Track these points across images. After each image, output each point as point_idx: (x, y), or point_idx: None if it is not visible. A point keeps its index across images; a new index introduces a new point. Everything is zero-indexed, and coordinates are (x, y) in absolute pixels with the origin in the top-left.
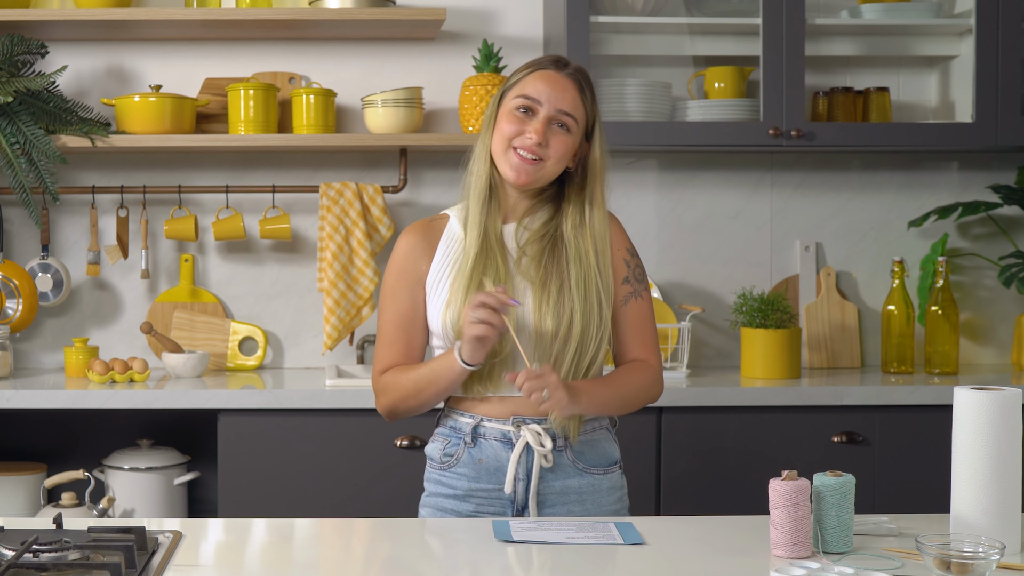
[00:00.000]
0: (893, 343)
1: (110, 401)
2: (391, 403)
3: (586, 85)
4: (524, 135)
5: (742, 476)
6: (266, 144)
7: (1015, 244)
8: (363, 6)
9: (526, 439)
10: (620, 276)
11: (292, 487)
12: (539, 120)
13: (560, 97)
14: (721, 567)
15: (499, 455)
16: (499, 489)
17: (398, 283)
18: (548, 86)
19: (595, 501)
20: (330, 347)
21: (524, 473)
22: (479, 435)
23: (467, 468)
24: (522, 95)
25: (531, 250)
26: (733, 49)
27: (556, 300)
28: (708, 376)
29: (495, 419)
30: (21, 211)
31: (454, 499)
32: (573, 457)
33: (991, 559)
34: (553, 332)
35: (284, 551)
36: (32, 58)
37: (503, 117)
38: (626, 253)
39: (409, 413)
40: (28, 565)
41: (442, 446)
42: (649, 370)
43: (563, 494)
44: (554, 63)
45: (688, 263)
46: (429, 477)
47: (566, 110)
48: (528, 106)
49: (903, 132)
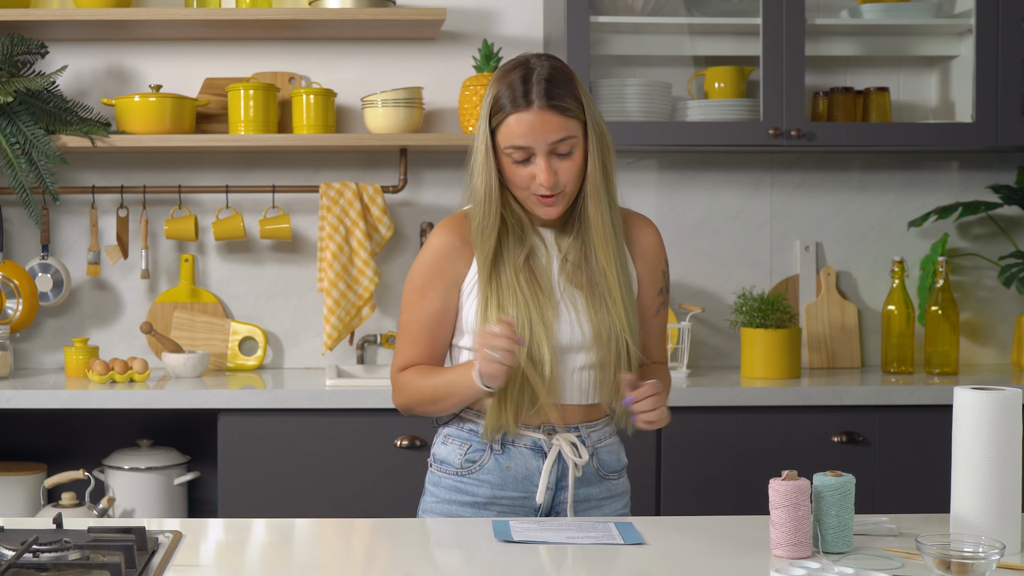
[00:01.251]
0: (893, 343)
1: (110, 401)
2: (408, 403)
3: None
4: (535, 182)
5: (742, 476)
6: (266, 144)
7: (1015, 244)
8: (363, 6)
9: (558, 448)
10: (657, 287)
11: (292, 487)
12: (540, 162)
13: (545, 132)
14: (721, 567)
15: (528, 463)
16: (524, 497)
17: (430, 282)
18: (529, 128)
19: (611, 506)
20: (330, 347)
21: (553, 482)
22: (507, 442)
23: (492, 475)
24: (511, 147)
25: (573, 255)
26: (733, 49)
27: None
28: (708, 376)
29: (525, 427)
30: (21, 211)
31: (473, 507)
32: (598, 464)
33: (991, 559)
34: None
35: (284, 551)
36: (32, 58)
37: (507, 165)
38: (664, 265)
39: (427, 416)
40: (28, 565)
41: (462, 451)
42: (668, 373)
43: (586, 500)
44: (524, 97)
45: (688, 263)
46: (440, 483)
47: (557, 139)
48: (522, 155)
49: (903, 132)
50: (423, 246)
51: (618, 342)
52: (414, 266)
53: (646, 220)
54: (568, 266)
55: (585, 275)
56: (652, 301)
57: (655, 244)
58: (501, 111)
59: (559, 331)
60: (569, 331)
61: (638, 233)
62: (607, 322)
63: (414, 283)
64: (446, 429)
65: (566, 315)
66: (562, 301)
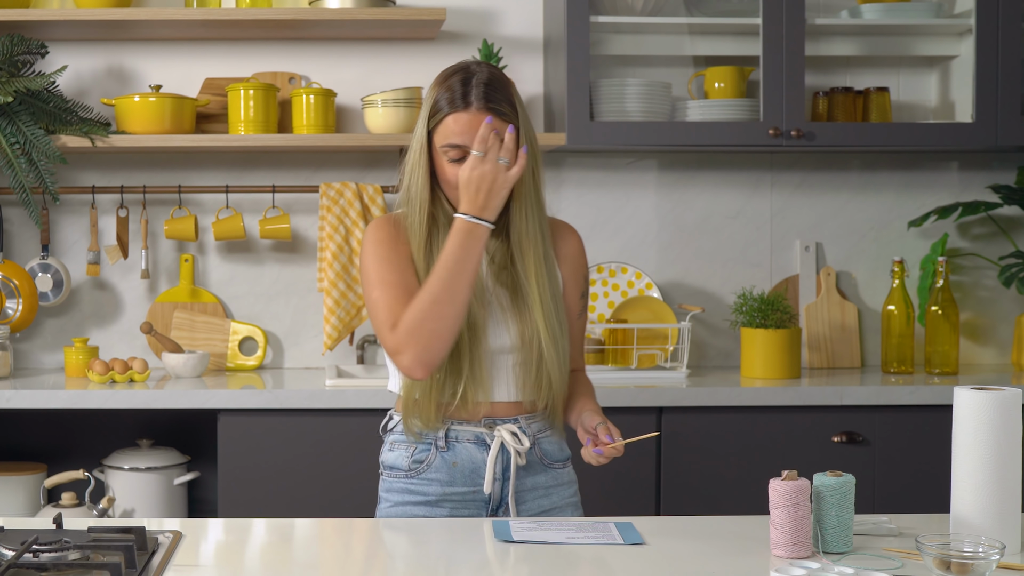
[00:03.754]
0: (893, 343)
1: (110, 401)
2: (425, 340)
3: (499, 100)
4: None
5: (742, 476)
6: (266, 144)
7: (1015, 244)
8: (363, 6)
9: (501, 439)
10: (579, 291)
11: (292, 487)
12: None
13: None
14: (721, 567)
15: (474, 457)
16: (473, 491)
17: (392, 250)
18: (466, 127)
19: (559, 494)
20: (330, 347)
21: (499, 472)
22: (451, 439)
23: (439, 473)
24: (448, 145)
25: (499, 257)
26: (733, 49)
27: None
28: (708, 376)
29: (466, 422)
30: (21, 211)
31: (425, 505)
32: (541, 454)
33: (991, 559)
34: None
35: (284, 551)
36: (32, 58)
37: (441, 163)
38: (586, 270)
39: (449, 336)
40: (28, 565)
41: (408, 453)
42: (588, 380)
43: (533, 490)
44: (463, 98)
45: (688, 263)
46: (391, 487)
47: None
48: (457, 153)
49: (903, 132)
50: (363, 246)
51: (540, 344)
52: (365, 256)
53: (570, 227)
54: (494, 267)
55: (510, 276)
56: (575, 304)
57: (578, 249)
58: (439, 112)
59: (489, 331)
60: (496, 331)
61: (562, 239)
62: (530, 324)
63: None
64: (392, 436)
65: (494, 315)
66: (491, 301)
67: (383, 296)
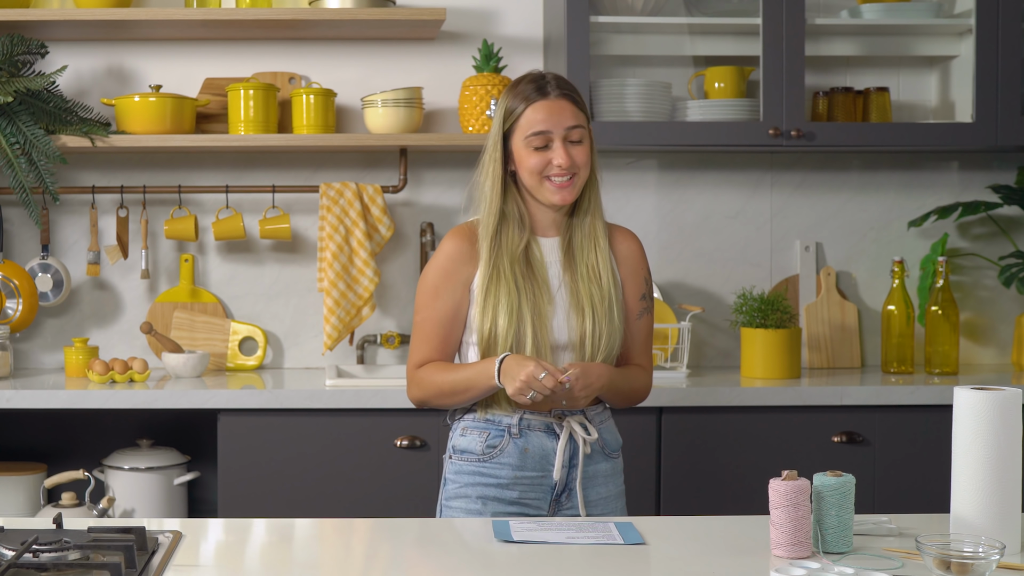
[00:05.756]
0: (893, 343)
1: (110, 401)
2: (424, 397)
3: (573, 90)
4: (551, 164)
5: (742, 476)
6: (266, 144)
7: (1015, 244)
8: (363, 6)
9: (569, 429)
10: (639, 292)
11: (292, 487)
12: (557, 145)
13: (562, 117)
14: (721, 567)
15: (544, 444)
16: (542, 476)
17: (443, 283)
18: (548, 113)
19: (615, 482)
20: (330, 347)
21: (566, 460)
22: (523, 427)
23: (512, 458)
24: (531, 132)
25: (562, 258)
26: (733, 49)
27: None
28: (708, 376)
29: (537, 412)
30: (21, 211)
31: (497, 487)
32: (602, 444)
33: (991, 559)
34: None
35: (284, 551)
36: (32, 58)
37: (524, 156)
38: (647, 272)
39: (440, 408)
40: (28, 565)
41: (482, 439)
42: (648, 376)
43: (594, 477)
44: (539, 91)
45: (688, 263)
46: (461, 470)
47: (572, 124)
48: (541, 140)
49: (903, 132)
50: (436, 251)
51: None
52: (427, 269)
53: (630, 232)
54: (558, 268)
55: (572, 277)
56: (635, 305)
57: (637, 252)
58: (515, 110)
59: (554, 328)
60: (560, 328)
61: (621, 242)
62: (586, 323)
63: (427, 285)
64: (463, 422)
65: (558, 315)
66: (555, 299)
67: (415, 333)
